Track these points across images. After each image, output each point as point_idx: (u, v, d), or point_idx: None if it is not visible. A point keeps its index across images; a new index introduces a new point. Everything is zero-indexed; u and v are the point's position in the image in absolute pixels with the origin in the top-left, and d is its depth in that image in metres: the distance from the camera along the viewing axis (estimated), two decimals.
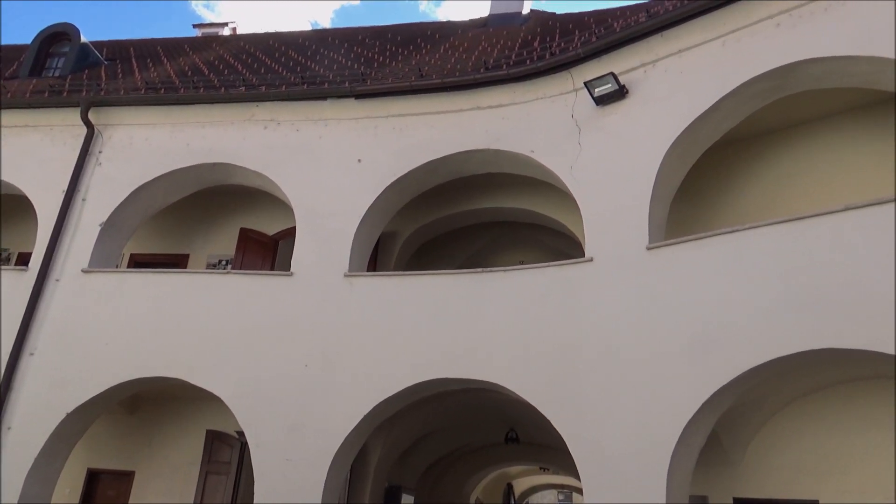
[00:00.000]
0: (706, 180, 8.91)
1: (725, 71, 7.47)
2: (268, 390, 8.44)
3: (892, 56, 6.39)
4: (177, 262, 11.64)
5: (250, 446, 8.30)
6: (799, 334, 6.19)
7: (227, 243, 11.50)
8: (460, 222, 11.35)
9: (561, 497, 30.20)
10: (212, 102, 10.23)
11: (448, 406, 10.39)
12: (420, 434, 11.59)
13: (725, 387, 6.48)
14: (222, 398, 8.56)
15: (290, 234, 10.43)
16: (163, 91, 10.67)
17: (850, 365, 6.88)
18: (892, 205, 6.02)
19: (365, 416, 8.07)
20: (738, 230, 6.91)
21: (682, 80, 7.81)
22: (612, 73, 8.05)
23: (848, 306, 5.99)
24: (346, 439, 8.04)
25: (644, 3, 10.91)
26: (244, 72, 12.10)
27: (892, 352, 5.66)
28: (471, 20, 15.19)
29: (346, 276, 8.85)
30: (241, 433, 9.25)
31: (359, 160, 9.50)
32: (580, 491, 7.03)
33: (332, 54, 13.35)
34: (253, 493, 8.04)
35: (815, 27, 6.98)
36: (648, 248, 7.35)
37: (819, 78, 7.19)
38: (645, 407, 6.79)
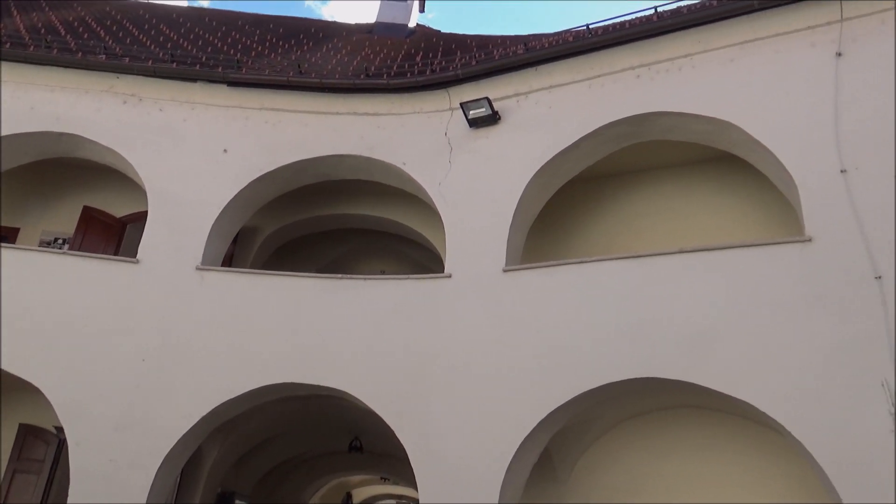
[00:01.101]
0: (563, 212, 9.44)
1: (588, 112, 8.00)
2: (96, 384, 7.84)
3: (727, 119, 7.17)
4: (5, 234, 10.51)
5: (69, 444, 7.64)
6: (629, 362, 6.72)
7: (66, 221, 10.56)
8: (325, 226, 11.21)
9: None
10: (65, 66, 9.41)
11: (292, 411, 10.15)
12: (260, 439, 11.21)
13: (562, 406, 6.88)
14: (41, 389, 7.83)
15: (140, 218, 9.78)
16: (9, 45, 9.66)
17: (668, 393, 7.52)
18: (720, 252, 6.80)
19: (203, 417, 7.71)
20: (584, 262, 7.40)
21: (550, 114, 8.26)
22: (487, 98, 8.34)
23: (671, 340, 6.61)
24: (179, 440, 7.63)
25: (525, 36, 11.45)
26: (107, 39, 11.24)
27: (704, 383, 6.31)
28: (357, 24, 15.16)
29: (197, 268, 8.43)
30: (59, 429, 8.49)
31: (224, 150, 9.13)
32: (418, 502, 7.13)
33: (207, 36, 12.75)
34: (67, 496, 7.40)
35: (668, 83, 7.69)
36: (504, 271, 7.66)
37: (668, 130, 7.90)
38: (488, 421, 7.04)
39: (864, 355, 5.87)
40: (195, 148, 9.16)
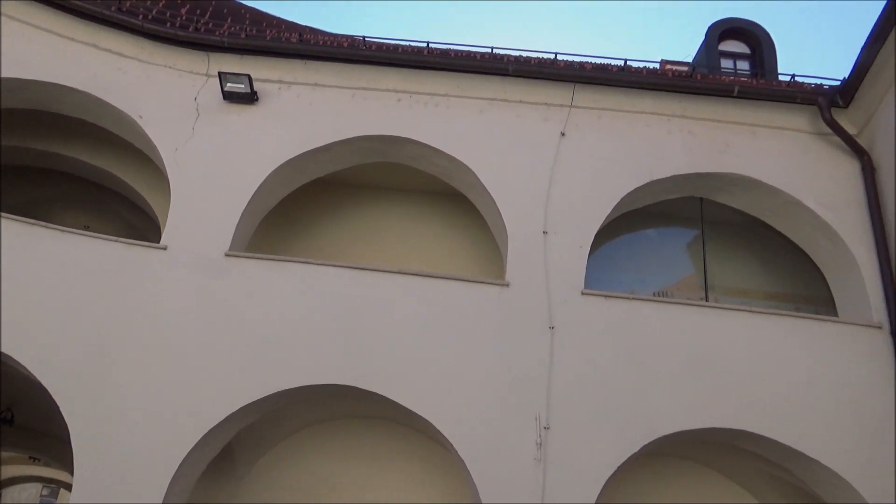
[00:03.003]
0: (301, 210, 9.41)
1: (347, 119, 8.14)
2: None
3: (466, 162, 7.86)
4: None
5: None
6: (332, 368, 6.91)
7: None
8: (29, 160, 9.66)
9: (45, 493, 26.74)
10: None
11: None
12: None
13: (257, 402, 6.76)
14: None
15: None
16: None
17: (361, 403, 7.80)
18: (433, 280, 7.37)
19: None
20: (310, 263, 7.45)
21: (309, 111, 8.22)
22: (249, 76, 8.02)
23: (374, 353, 6.96)
24: None
25: (303, 27, 11.26)
26: None
27: (395, 398, 6.74)
28: None
29: None
30: None
31: None
32: (70, 487, 6.39)
33: None
34: None
35: (424, 115, 8.17)
36: (227, 255, 7.36)
37: (414, 157, 8.38)
38: (172, 409, 6.62)
39: (527, 392, 6.79)
40: None
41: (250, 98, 8.15)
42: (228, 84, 8.02)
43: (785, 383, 6.90)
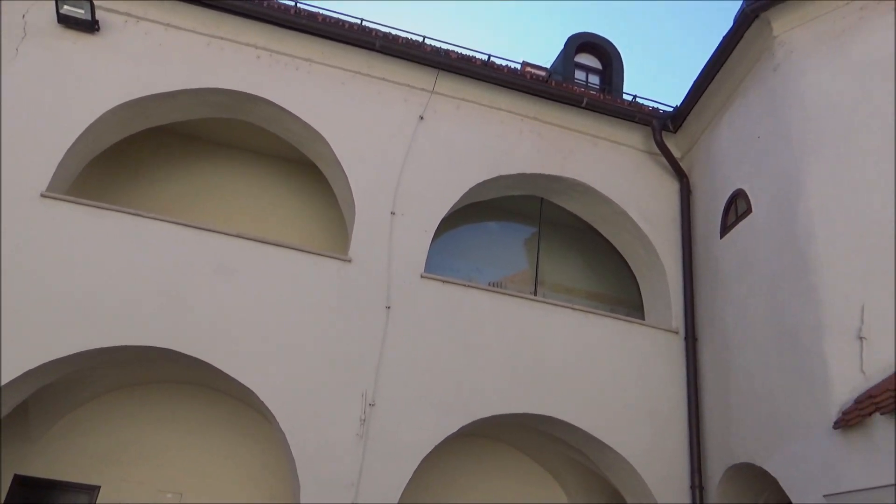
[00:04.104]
0: (139, 156, 8.73)
1: (198, 68, 7.65)
2: None
3: (321, 131, 7.71)
4: None
5: None
6: (152, 331, 6.50)
7: None
8: None
9: None
10: None
11: None
12: None
13: (60, 360, 6.22)
14: None
15: None
16: None
17: (177, 367, 7.39)
18: (275, 248, 7.16)
19: None
20: (139, 215, 6.93)
21: (158, 52, 7.61)
22: (91, 1, 7.27)
23: (198, 317, 6.66)
24: None
25: None
26: None
27: (219, 365, 6.50)
28: None
29: None
30: None
31: None
32: None
33: None
34: None
35: (282, 76, 7.88)
36: (43, 196, 6.67)
37: (267, 119, 8.07)
38: None
39: (357, 369, 6.85)
40: None
41: (90, 26, 7.40)
42: (66, 6, 7.23)
43: (593, 377, 7.53)
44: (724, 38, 7.60)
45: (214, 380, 7.11)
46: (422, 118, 8.23)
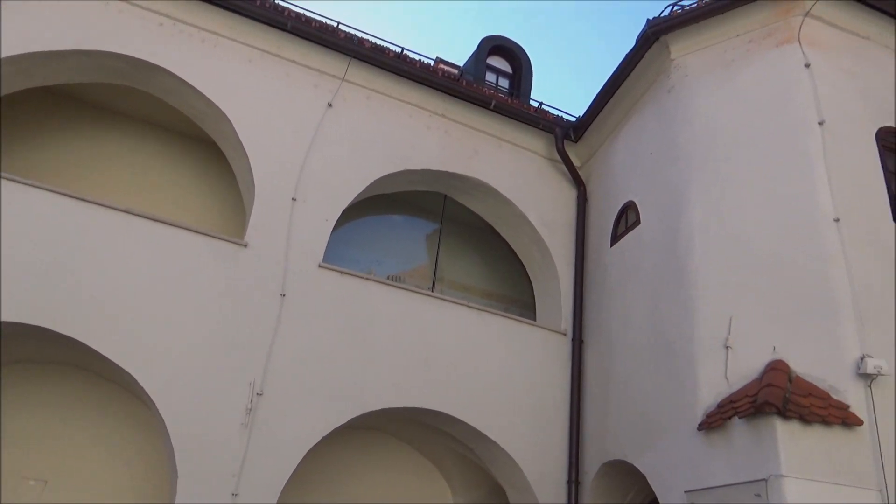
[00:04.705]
0: (22, 117, 8.06)
1: (94, 29, 7.17)
2: None
3: (224, 110, 7.43)
4: None
5: None
6: (25, 305, 6.06)
7: None
8: None
9: None
10: None
11: None
12: None
13: None
14: None
15: None
16: None
17: (49, 346, 6.92)
18: (166, 227, 6.84)
19: None
20: (15, 180, 6.38)
21: (46, 8, 7.03)
22: None
23: (83, 298, 6.27)
24: None
25: None
26: None
27: (95, 346, 6.14)
28: None
29: None
30: None
31: None
32: None
33: None
34: None
35: (186, 47, 7.52)
36: None
37: (167, 91, 7.69)
38: None
39: (246, 357, 6.68)
40: None
41: None
42: None
43: (484, 373, 7.72)
44: (625, 56, 7.97)
45: (91, 362, 6.71)
46: (330, 105, 8.11)
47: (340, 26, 8.49)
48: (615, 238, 8.08)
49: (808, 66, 6.69)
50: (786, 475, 4.90)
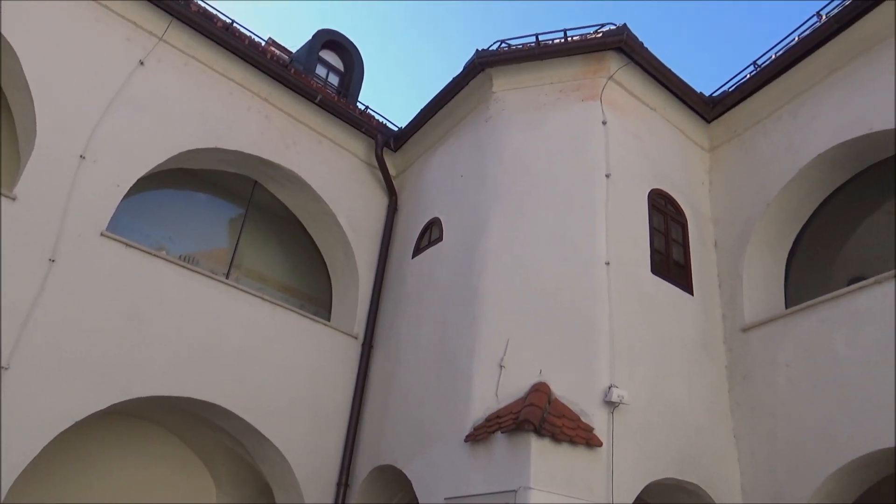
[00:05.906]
0: None
1: None
2: None
3: (7, 37, 6.56)
4: None
5: None
6: None
7: None
8: None
9: None
10: None
11: None
12: None
13: None
14: None
15: None
16: None
17: None
18: None
19: None
20: None
21: None
22: None
23: None
24: None
25: None
26: None
27: None
28: None
29: None
30: None
31: None
32: None
33: None
34: None
35: None
36: None
37: None
38: None
39: None
40: None
41: None
42: None
43: (268, 369, 7.54)
44: (453, 79, 8.33)
45: None
46: (142, 63, 7.50)
47: None
48: (418, 250, 8.36)
49: (605, 123, 7.48)
50: (533, 487, 5.39)
